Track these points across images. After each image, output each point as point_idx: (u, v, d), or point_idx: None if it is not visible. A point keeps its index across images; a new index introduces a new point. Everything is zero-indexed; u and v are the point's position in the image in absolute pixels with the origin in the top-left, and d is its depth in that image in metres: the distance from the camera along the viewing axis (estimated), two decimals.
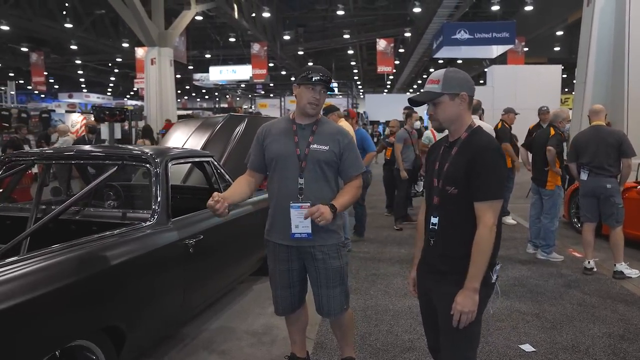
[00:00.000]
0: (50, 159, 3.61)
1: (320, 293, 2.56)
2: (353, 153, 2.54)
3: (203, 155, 3.84)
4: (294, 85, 2.51)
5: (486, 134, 1.94)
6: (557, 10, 17.64)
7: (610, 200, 4.60)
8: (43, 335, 1.99)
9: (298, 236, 2.44)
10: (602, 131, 4.69)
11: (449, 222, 1.92)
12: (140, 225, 2.80)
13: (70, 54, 27.79)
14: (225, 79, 28.06)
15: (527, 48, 21.41)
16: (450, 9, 17.14)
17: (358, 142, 5.89)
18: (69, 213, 3.20)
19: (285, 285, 2.59)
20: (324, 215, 2.30)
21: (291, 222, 2.43)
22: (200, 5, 17.93)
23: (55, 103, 35.31)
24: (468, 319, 1.83)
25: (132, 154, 3.25)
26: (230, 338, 3.43)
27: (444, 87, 1.92)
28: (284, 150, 2.48)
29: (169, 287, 2.87)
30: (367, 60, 31.05)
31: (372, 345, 3.27)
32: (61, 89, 39.81)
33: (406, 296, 4.05)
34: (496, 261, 1.91)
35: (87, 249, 2.33)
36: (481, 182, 1.82)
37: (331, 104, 6.17)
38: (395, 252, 5.64)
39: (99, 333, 2.30)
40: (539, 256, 5.31)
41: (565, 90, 23.72)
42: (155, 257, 2.74)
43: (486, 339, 3.34)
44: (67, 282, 2.13)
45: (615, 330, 3.51)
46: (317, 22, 24.46)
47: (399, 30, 24.10)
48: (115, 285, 2.42)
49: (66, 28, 20.18)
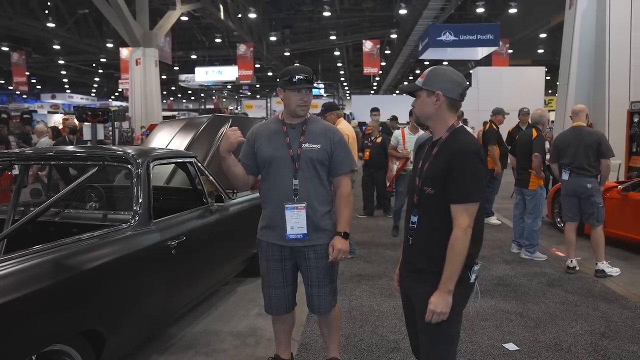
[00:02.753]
0: (30, 159, 3.54)
1: (311, 292, 2.58)
2: (344, 150, 2.55)
3: (186, 156, 3.79)
4: (279, 89, 2.51)
5: (467, 135, 1.93)
6: (540, 13, 17.88)
7: (591, 200, 4.67)
8: (18, 339, 1.95)
9: (293, 237, 2.46)
10: (582, 132, 4.75)
11: (427, 221, 1.92)
12: (121, 226, 2.76)
13: (53, 54, 27.38)
14: (211, 80, 27.95)
15: (512, 50, 21.66)
16: (436, 11, 17.26)
17: None
18: (48, 215, 3.14)
19: (279, 285, 2.59)
20: (343, 250, 2.45)
21: (286, 223, 2.43)
22: (186, 5, 17.80)
23: (37, 104, 34.77)
24: (440, 319, 1.83)
25: (113, 154, 3.20)
26: (214, 340, 3.40)
27: (424, 82, 1.93)
28: (276, 152, 2.47)
29: (150, 290, 2.83)
30: (354, 62, 31.11)
31: (356, 346, 3.26)
32: (44, 90, 39.17)
33: (391, 297, 4.06)
34: (475, 261, 1.90)
35: (64, 251, 2.29)
36: (457, 184, 1.82)
37: (332, 102, 6.21)
38: (381, 252, 5.65)
39: (77, 337, 2.25)
40: (523, 256, 5.36)
41: (549, 91, 24.06)
42: (136, 259, 2.70)
43: (470, 338, 3.35)
44: (43, 285, 2.08)
45: (596, 328, 3.55)
46: (303, 23, 24.45)
47: (385, 32, 24.22)
48: (94, 288, 2.37)
49: (48, 27, 19.87)
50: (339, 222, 2.53)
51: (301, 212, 2.42)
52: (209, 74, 26.88)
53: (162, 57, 18.33)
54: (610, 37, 7.54)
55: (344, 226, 2.51)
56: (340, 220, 2.53)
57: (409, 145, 5.88)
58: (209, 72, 26.88)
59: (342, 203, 2.55)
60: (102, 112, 6.31)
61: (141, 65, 16.69)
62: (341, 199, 2.56)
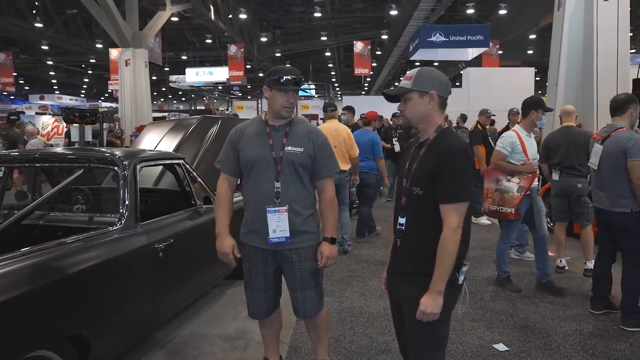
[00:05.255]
0: (15, 161, 3.48)
1: (295, 296, 2.54)
2: (327, 152, 2.52)
3: (174, 158, 3.76)
4: (265, 88, 2.48)
5: (454, 136, 1.93)
6: (529, 14, 17.98)
7: (581, 200, 4.69)
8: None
9: (276, 241, 2.42)
10: (572, 132, 4.78)
11: (416, 222, 1.91)
12: (107, 229, 2.72)
13: (41, 55, 27.07)
14: (202, 81, 27.80)
15: (502, 51, 21.78)
16: (427, 12, 17.31)
17: (368, 146, 6.02)
18: (33, 218, 3.09)
19: (260, 289, 2.55)
20: (331, 256, 2.46)
21: (268, 227, 2.40)
22: (176, 6, 17.68)
23: (25, 105, 34.38)
24: (431, 319, 1.83)
25: (99, 156, 3.16)
26: (202, 343, 3.36)
27: (415, 84, 1.91)
28: (259, 154, 2.44)
29: (137, 293, 2.79)
30: (345, 62, 31.11)
31: (346, 348, 3.25)
32: (32, 91, 38.72)
33: (381, 298, 4.04)
34: (463, 262, 1.90)
35: (49, 255, 2.25)
36: (446, 184, 1.81)
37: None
38: (371, 253, 5.64)
39: (61, 342, 2.21)
40: (513, 255, 5.38)
41: (539, 92, 24.22)
42: (122, 262, 2.67)
43: (460, 338, 3.35)
44: (26, 290, 2.04)
45: (585, 327, 3.56)
46: (294, 24, 24.39)
47: (376, 33, 24.26)
48: (79, 292, 2.33)
49: (36, 27, 19.63)
50: (326, 228, 2.51)
51: (283, 215, 2.38)
52: (200, 74, 26.73)
53: (152, 57, 18.17)
54: (598, 38, 7.59)
55: (330, 231, 2.50)
56: (326, 225, 2.52)
57: (532, 154, 4.23)
58: (200, 73, 26.73)
59: (327, 208, 2.53)
60: (90, 113, 6.26)
61: (131, 66, 16.53)
62: (326, 202, 2.53)
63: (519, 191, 4.12)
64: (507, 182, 4.18)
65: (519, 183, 4.14)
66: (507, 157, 4.21)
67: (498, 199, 4.23)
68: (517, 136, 4.22)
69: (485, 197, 4.38)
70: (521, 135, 4.22)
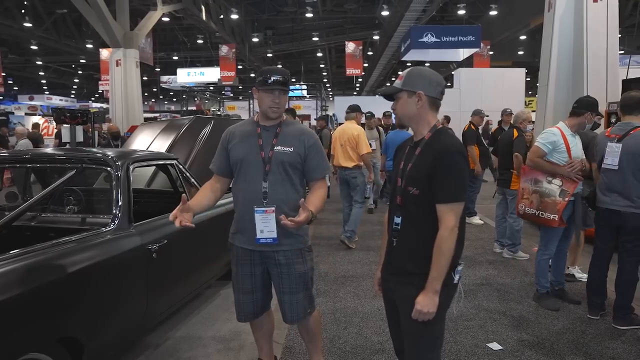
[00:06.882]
0: (5, 162, 3.44)
1: (283, 300, 2.50)
2: (318, 154, 2.49)
3: (167, 158, 3.74)
4: (254, 89, 2.48)
5: (450, 136, 1.93)
6: (520, 15, 18.13)
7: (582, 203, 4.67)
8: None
9: (263, 241, 2.39)
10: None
11: (411, 222, 1.91)
12: (100, 230, 2.69)
13: (31, 55, 26.81)
14: (193, 81, 27.69)
15: (493, 52, 21.91)
16: (418, 13, 17.38)
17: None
18: (25, 219, 3.05)
19: (247, 291, 2.53)
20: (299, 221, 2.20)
21: (256, 227, 2.37)
22: (167, 6, 17.59)
23: (14, 105, 33.99)
24: (427, 319, 1.83)
25: (91, 156, 3.13)
26: (196, 345, 3.34)
27: (404, 83, 1.93)
28: (248, 153, 2.43)
29: (130, 295, 2.77)
30: (336, 63, 31.16)
31: (341, 349, 3.25)
32: (21, 91, 38.33)
33: (375, 298, 4.05)
34: (458, 262, 1.90)
35: (41, 256, 2.22)
36: (443, 184, 1.81)
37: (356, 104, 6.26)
38: (364, 254, 5.64)
39: (54, 345, 2.18)
40: (505, 255, 5.41)
41: (529, 92, 24.43)
42: (116, 263, 2.64)
43: (454, 338, 3.36)
44: (18, 292, 2.01)
45: (577, 326, 3.59)
46: (285, 24, 24.38)
47: (367, 33, 24.32)
48: (72, 294, 2.31)
49: (25, 27, 19.44)
50: (310, 202, 2.35)
51: (270, 216, 2.34)
52: (191, 75, 26.63)
53: (143, 58, 18.05)
54: (588, 39, 7.67)
55: (314, 206, 2.31)
56: (310, 201, 2.35)
57: (576, 153, 3.78)
58: (191, 74, 26.63)
59: (316, 191, 2.44)
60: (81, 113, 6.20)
61: (122, 67, 16.42)
62: (316, 188, 2.45)
63: (561, 195, 3.68)
64: (548, 183, 3.76)
65: (561, 186, 3.69)
66: (547, 155, 3.77)
67: (537, 202, 3.79)
68: (561, 134, 3.75)
69: (520, 198, 3.98)
70: (565, 133, 3.77)
